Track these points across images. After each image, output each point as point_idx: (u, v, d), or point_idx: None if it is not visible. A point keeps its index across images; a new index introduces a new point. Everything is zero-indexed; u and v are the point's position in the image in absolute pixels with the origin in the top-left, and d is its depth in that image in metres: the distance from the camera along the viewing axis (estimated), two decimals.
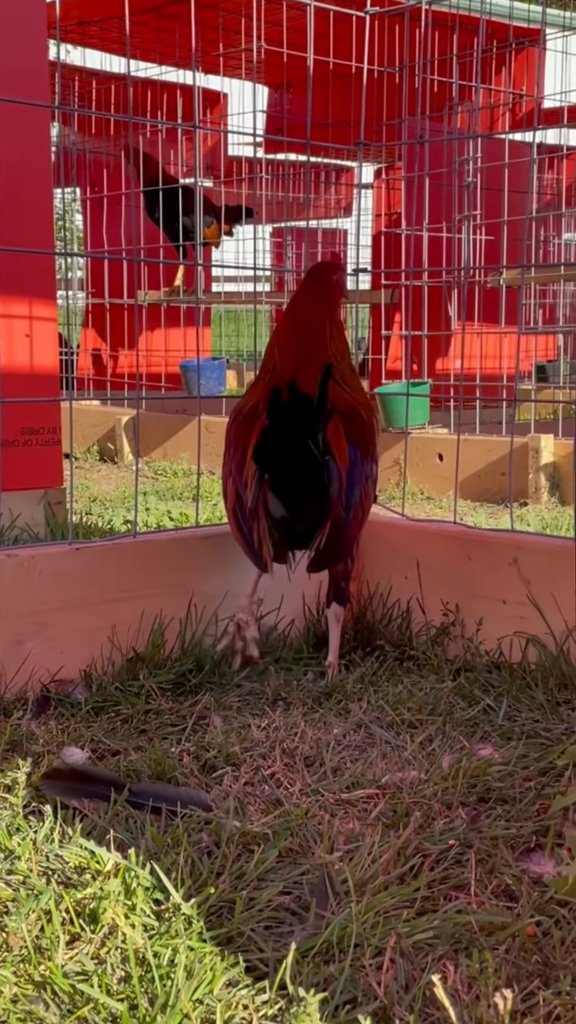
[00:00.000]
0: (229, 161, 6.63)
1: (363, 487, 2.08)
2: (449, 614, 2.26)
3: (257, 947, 1.21)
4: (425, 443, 4.44)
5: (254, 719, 1.89)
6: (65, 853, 1.37)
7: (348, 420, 2.06)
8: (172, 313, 6.01)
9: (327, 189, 7.80)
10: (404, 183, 5.06)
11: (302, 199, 7.05)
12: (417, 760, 1.72)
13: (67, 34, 5.62)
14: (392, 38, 4.96)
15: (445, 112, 5.59)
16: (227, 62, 5.86)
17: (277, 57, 5.05)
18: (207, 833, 1.45)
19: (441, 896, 1.33)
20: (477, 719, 1.91)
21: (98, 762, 1.72)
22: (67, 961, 1.17)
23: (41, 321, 2.94)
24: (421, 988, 1.13)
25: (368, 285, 5.47)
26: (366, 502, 2.11)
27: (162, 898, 1.28)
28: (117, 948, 1.19)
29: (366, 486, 2.10)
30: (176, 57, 5.70)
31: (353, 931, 1.21)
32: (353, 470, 2.04)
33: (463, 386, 4.05)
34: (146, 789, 1.57)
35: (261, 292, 5.98)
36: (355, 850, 1.42)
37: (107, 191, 6.17)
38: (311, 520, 2.01)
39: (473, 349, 4.91)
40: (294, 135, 5.57)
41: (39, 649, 1.99)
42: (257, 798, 1.60)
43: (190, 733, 1.84)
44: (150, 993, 1.11)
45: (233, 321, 9.31)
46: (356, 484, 2.05)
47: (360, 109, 2.75)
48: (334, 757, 1.74)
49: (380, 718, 1.92)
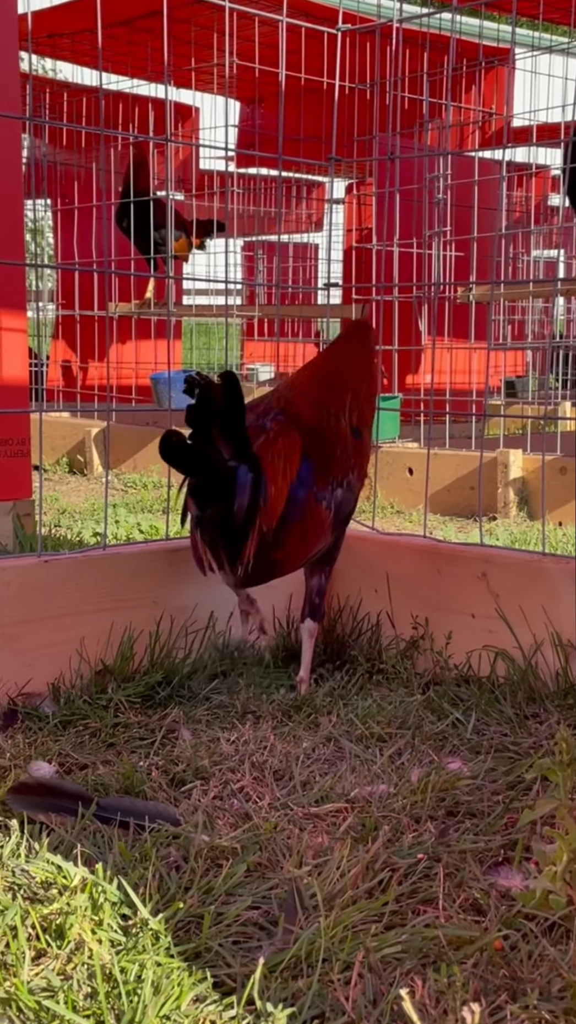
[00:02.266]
0: (201, 175, 6.64)
1: (307, 505, 1.99)
2: (419, 628, 2.26)
3: (225, 962, 1.20)
4: (395, 457, 4.45)
5: (223, 732, 1.89)
6: (32, 868, 1.36)
7: (310, 436, 2.04)
8: (143, 325, 6.00)
9: (298, 204, 7.84)
10: (375, 198, 5.10)
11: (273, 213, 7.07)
12: (386, 774, 1.72)
13: (39, 46, 5.62)
14: (363, 55, 5.00)
15: (416, 129, 5.64)
16: (199, 76, 5.88)
17: (249, 72, 5.07)
18: (175, 848, 1.44)
19: (409, 910, 1.33)
20: (446, 733, 1.91)
21: (66, 776, 1.71)
22: (33, 977, 1.16)
23: (10, 332, 2.93)
24: (389, 1002, 1.13)
25: (339, 299, 5.49)
26: (311, 524, 2.01)
27: (130, 913, 1.27)
28: (84, 964, 1.18)
29: (314, 506, 2.01)
30: (148, 71, 5.72)
31: (322, 946, 1.21)
32: (297, 486, 1.97)
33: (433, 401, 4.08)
34: (114, 803, 1.56)
35: (232, 305, 5.99)
36: (324, 864, 1.41)
37: (78, 203, 6.16)
38: (215, 523, 1.89)
39: (443, 364, 4.94)
40: (266, 150, 5.59)
41: (7, 662, 1.98)
42: (226, 812, 1.59)
43: (159, 747, 1.83)
44: (117, 1009, 1.10)
45: (204, 334, 9.31)
46: (296, 500, 1.97)
47: (332, 125, 2.77)
48: (303, 771, 1.74)
49: (349, 732, 1.92)
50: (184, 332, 7.57)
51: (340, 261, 6.68)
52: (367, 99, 5.11)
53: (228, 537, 1.90)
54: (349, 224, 6.56)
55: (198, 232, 6.01)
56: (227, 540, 1.91)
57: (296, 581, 2.25)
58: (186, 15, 5.04)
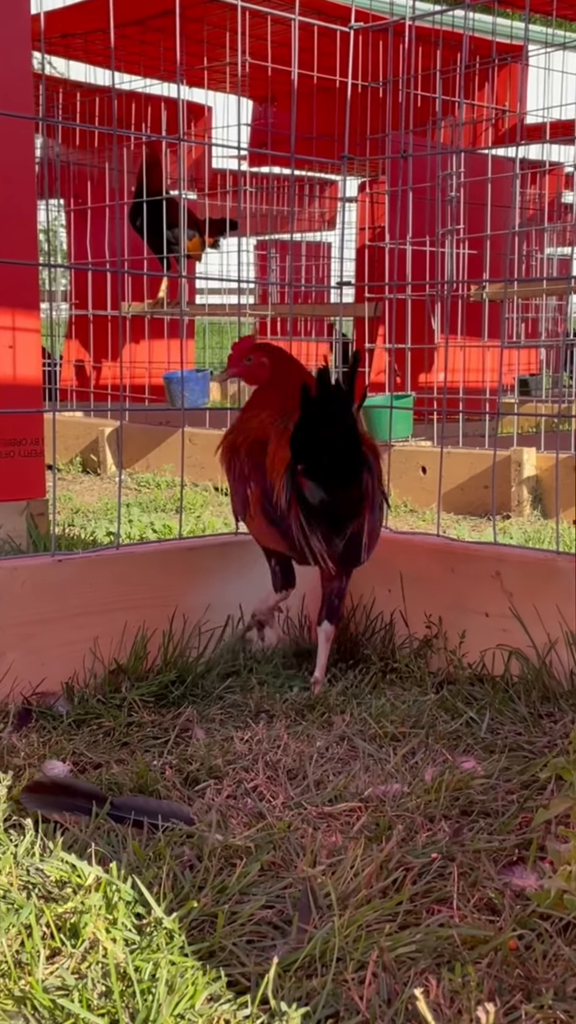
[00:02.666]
0: (213, 174, 6.64)
1: (378, 498, 2.10)
2: (432, 627, 2.26)
3: (239, 961, 1.20)
4: (408, 456, 4.45)
5: (237, 732, 1.89)
6: (46, 867, 1.36)
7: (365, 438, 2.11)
8: (156, 325, 6.01)
9: (311, 202, 7.83)
10: (388, 197, 5.09)
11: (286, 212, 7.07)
12: (400, 773, 1.72)
13: (51, 46, 5.63)
14: (376, 53, 4.99)
15: (428, 127, 5.63)
16: (212, 75, 5.88)
17: (262, 71, 5.07)
18: (189, 847, 1.44)
19: (424, 910, 1.33)
20: (460, 732, 1.91)
21: (80, 775, 1.71)
22: (47, 976, 1.16)
23: (24, 332, 2.93)
24: (403, 1002, 1.12)
25: (352, 298, 5.48)
26: (380, 513, 2.13)
27: (144, 912, 1.27)
28: (98, 963, 1.18)
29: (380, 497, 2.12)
30: (161, 70, 5.72)
31: (336, 945, 1.21)
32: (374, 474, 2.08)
33: (446, 399, 4.07)
34: (128, 802, 1.56)
35: (245, 304, 5.99)
36: (338, 864, 1.41)
37: (91, 203, 6.17)
38: (353, 503, 2.00)
39: (456, 362, 4.93)
40: (278, 148, 5.59)
41: (21, 661, 1.98)
42: (240, 811, 1.59)
43: (172, 746, 1.84)
44: (131, 1008, 1.10)
45: (217, 333, 9.32)
46: (376, 490, 2.08)
47: (344, 123, 2.76)
48: (317, 770, 1.74)
49: (363, 731, 1.92)
50: (197, 331, 7.57)
51: (353, 260, 6.67)
52: (380, 97, 5.10)
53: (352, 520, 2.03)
54: (362, 222, 6.55)
55: (211, 231, 6.01)
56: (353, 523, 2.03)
57: (309, 581, 2.25)
58: (199, 14, 5.04)
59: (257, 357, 2.21)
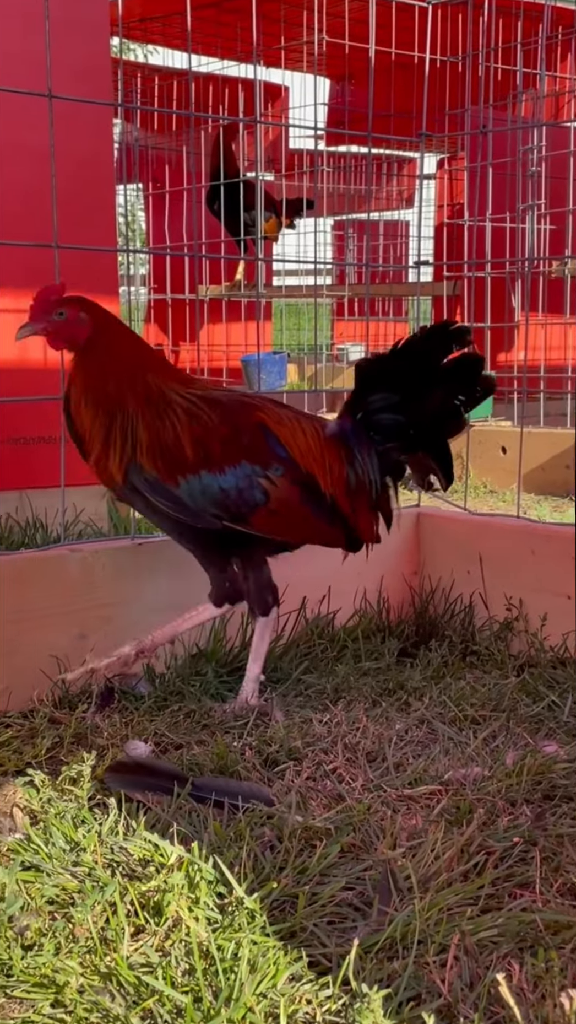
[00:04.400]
0: (290, 154, 6.62)
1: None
2: (512, 609, 2.23)
3: (320, 942, 1.21)
4: (488, 436, 4.40)
5: (316, 714, 1.89)
6: (129, 846, 1.38)
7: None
8: (233, 307, 6.02)
9: (389, 181, 7.76)
10: (467, 173, 5.02)
11: (363, 191, 7.02)
12: (480, 757, 1.71)
13: (130, 31, 5.65)
14: (455, 27, 4.91)
15: (509, 100, 5.52)
16: (288, 55, 5.84)
17: (339, 49, 5.03)
18: (269, 827, 1.45)
19: (505, 894, 1.32)
20: (541, 715, 1.89)
21: (161, 756, 1.73)
22: (132, 953, 1.18)
23: None
24: (486, 986, 1.12)
25: (430, 277, 5.42)
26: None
27: (225, 892, 1.28)
28: (181, 941, 1.20)
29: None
30: (238, 51, 5.71)
31: (416, 928, 1.21)
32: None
33: (527, 378, 4.01)
34: (209, 783, 1.58)
35: (322, 285, 5.97)
36: (418, 846, 1.41)
37: (169, 187, 6.20)
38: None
39: (537, 340, 4.85)
40: (356, 127, 5.55)
41: (103, 643, 2.01)
42: (319, 793, 1.59)
43: (252, 728, 1.85)
44: (214, 986, 1.11)
45: (294, 315, 9.30)
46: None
47: (422, 99, 2.73)
48: (396, 753, 1.74)
49: (443, 714, 1.91)
50: (274, 313, 7.56)
51: (431, 238, 6.60)
52: (459, 72, 5.02)
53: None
54: (440, 200, 6.47)
55: (288, 212, 5.99)
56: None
57: (385, 562, 2.23)
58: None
59: (72, 312, 1.86)
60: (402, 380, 1.94)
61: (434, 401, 1.94)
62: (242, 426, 1.90)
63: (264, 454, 1.89)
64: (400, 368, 1.94)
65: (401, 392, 1.95)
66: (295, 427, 1.95)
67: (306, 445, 1.94)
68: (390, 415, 1.96)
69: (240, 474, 1.86)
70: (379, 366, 1.96)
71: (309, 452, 1.93)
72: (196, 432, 1.86)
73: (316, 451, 1.94)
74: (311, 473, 1.92)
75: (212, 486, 1.85)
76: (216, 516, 1.87)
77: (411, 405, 1.95)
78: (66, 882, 1.32)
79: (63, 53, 2.52)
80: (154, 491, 1.85)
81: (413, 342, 1.93)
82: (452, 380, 1.94)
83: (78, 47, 2.80)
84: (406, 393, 1.94)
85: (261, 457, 1.89)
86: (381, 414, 1.96)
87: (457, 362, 1.94)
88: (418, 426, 1.97)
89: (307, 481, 1.92)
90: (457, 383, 1.94)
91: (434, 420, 1.96)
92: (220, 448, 1.87)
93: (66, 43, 2.77)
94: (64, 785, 1.57)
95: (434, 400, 1.94)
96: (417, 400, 1.94)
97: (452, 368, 1.94)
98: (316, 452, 1.94)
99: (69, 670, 1.97)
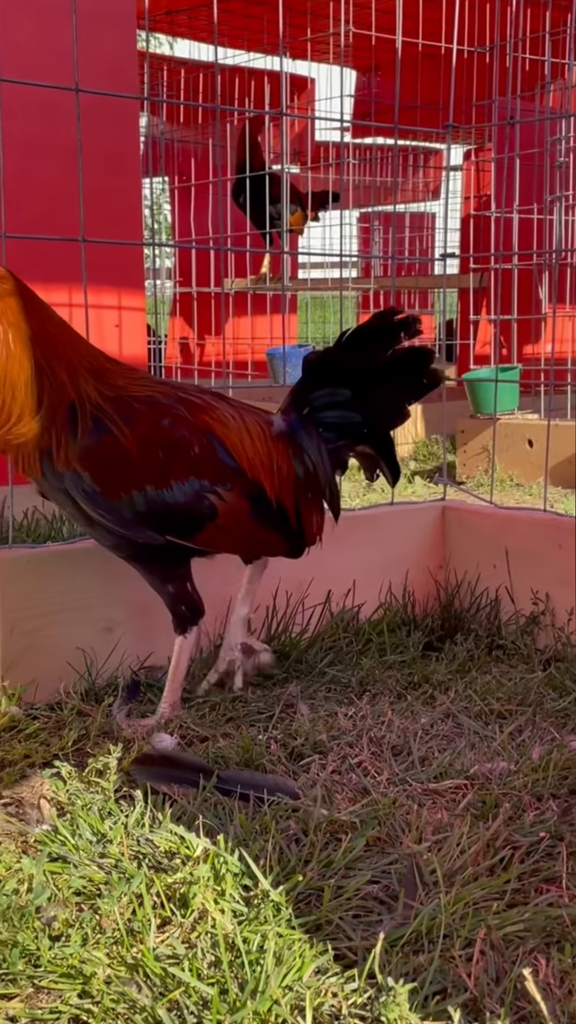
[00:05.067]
0: (316, 146, 6.60)
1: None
2: (539, 603, 2.23)
3: (345, 935, 1.21)
4: (514, 429, 4.37)
5: (341, 707, 1.89)
6: (155, 838, 1.39)
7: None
8: (258, 301, 6.02)
9: (415, 172, 7.73)
10: (494, 164, 4.99)
11: (389, 183, 6.99)
12: (506, 751, 1.71)
13: (156, 24, 5.65)
14: (482, 17, 4.88)
15: (537, 91, 5.48)
16: (315, 47, 5.83)
17: (365, 40, 5.00)
18: (295, 821, 1.46)
19: (532, 889, 1.32)
20: (568, 710, 1.88)
21: (187, 748, 1.74)
22: (158, 944, 1.19)
23: (129, 311, 2.97)
24: (512, 981, 1.12)
25: (456, 269, 5.40)
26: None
27: (251, 884, 1.29)
28: (207, 933, 1.20)
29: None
30: (264, 43, 5.70)
31: (442, 922, 1.21)
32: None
33: (554, 370, 3.99)
34: (234, 776, 1.58)
35: (348, 278, 5.96)
36: (443, 841, 1.41)
37: (195, 180, 6.20)
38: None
39: (564, 333, 4.82)
40: (382, 119, 5.52)
41: (129, 636, 2.02)
42: (344, 787, 1.60)
43: (277, 721, 1.85)
44: (240, 978, 1.12)
45: (320, 308, 9.29)
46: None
47: (449, 90, 2.71)
48: (422, 747, 1.73)
49: (468, 708, 1.90)
50: (300, 306, 7.56)
51: (458, 230, 6.57)
52: (486, 62, 4.99)
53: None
54: (467, 192, 6.44)
55: (313, 204, 5.98)
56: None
57: (413, 555, 2.23)
58: None
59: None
60: (352, 374, 1.87)
61: (386, 395, 1.88)
62: (190, 435, 1.79)
63: (213, 467, 1.79)
64: (350, 361, 1.86)
65: (352, 386, 1.88)
66: (242, 430, 1.84)
67: (254, 450, 1.84)
68: (343, 411, 1.89)
69: (188, 490, 1.76)
70: (329, 359, 1.88)
71: (257, 458, 1.84)
72: (142, 441, 1.74)
73: (264, 455, 1.84)
74: (259, 483, 1.83)
75: (158, 502, 1.75)
76: (159, 531, 1.77)
77: (363, 400, 1.88)
78: (93, 873, 1.32)
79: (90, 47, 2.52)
80: (92, 502, 1.73)
81: (360, 333, 1.86)
82: (401, 373, 1.88)
83: (105, 41, 2.81)
84: (357, 388, 1.88)
85: (210, 471, 1.79)
86: (333, 410, 1.89)
87: (406, 354, 1.88)
88: (370, 421, 1.90)
89: (255, 492, 1.83)
90: (406, 376, 1.88)
91: (385, 414, 1.90)
92: (168, 461, 1.76)
93: (93, 37, 2.78)
94: (91, 777, 1.58)
95: (386, 394, 1.88)
96: (369, 395, 1.87)
97: (401, 360, 1.88)
98: (264, 456, 1.84)
99: (94, 663, 1.98)
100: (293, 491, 1.88)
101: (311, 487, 1.90)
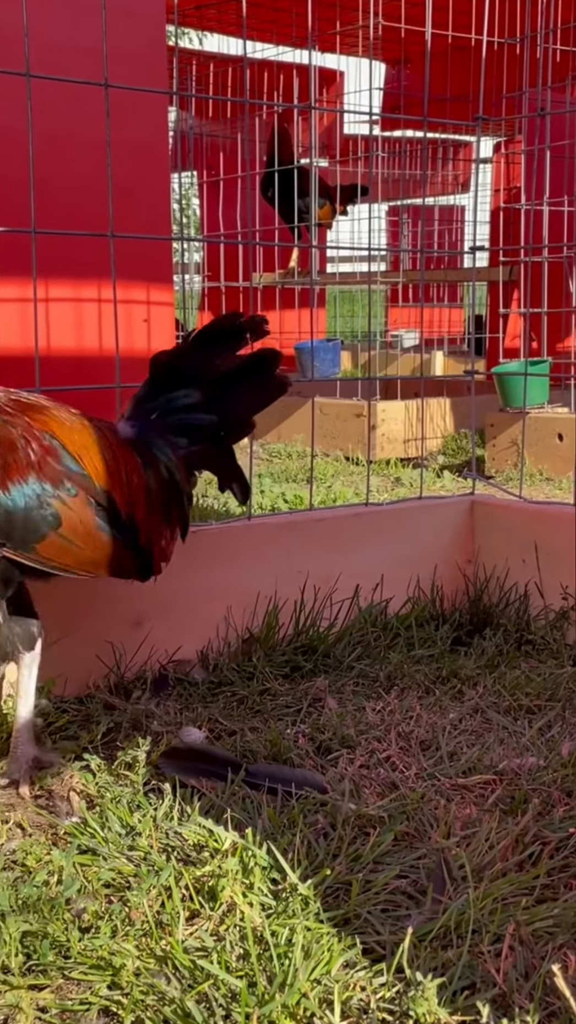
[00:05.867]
0: (345, 140, 6.59)
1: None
2: (569, 598, 2.21)
3: (374, 929, 1.21)
4: (544, 423, 4.35)
5: (369, 702, 1.89)
6: (184, 831, 1.40)
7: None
8: (286, 295, 6.01)
9: (444, 165, 7.69)
10: (524, 157, 4.96)
11: (419, 176, 6.96)
12: (536, 746, 1.70)
13: (185, 18, 5.66)
14: (513, 8, 4.84)
15: (568, 82, 5.44)
16: (344, 40, 5.81)
17: (395, 33, 4.99)
18: (323, 815, 1.46)
19: (561, 884, 1.31)
20: None
21: (215, 742, 1.74)
22: (187, 937, 1.19)
23: (158, 306, 2.97)
24: (541, 976, 1.11)
25: (486, 262, 5.37)
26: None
27: (279, 878, 1.29)
28: (235, 926, 1.21)
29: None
30: (292, 36, 5.69)
31: (471, 917, 1.20)
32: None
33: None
34: (262, 769, 1.58)
35: (376, 272, 5.94)
36: (472, 836, 1.40)
37: (223, 175, 6.20)
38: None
39: None
40: (411, 112, 5.50)
41: (157, 630, 2.03)
42: (372, 781, 1.59)
43: (305, 715, 1.85)
44: (268, 971, 1.12)
45: (348, 302, 9.27)
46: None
47: (479, 83, 2.70)
48: (450, 742, 1.73)
49: (497, 703, 1.90)
50: (328, 300, 7.55)
51: (487, 223, 6.53)
52: (516, 54, 4.96)
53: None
54: (497, 184, 6.40)
55: (342, 198, 5.97)
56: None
57: (440, 552, 2.22)
58: None
59: None
60: (204, 375, 1.73)
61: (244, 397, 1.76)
62: (28, 434, 1.58)
63: (55, 469, 1.58)
64: (200, 362, 1.73)
65: (203, 388, 1.74)
66: (85, 434, 1.65)
67: (100, 456, 1.64)
68: (199, 415, 1.75)
69: (28, 493, 1.55)
70: (178, 360, 1.74)
71: (104, 464, 1.64)
72: None
73: (111, 462, 1.65)
74: (108, 491, 1.63)
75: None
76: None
77: (218, 403, 1.74)
78: (122, 866, 1.33)
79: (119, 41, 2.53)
80: None
81: (206, 333, 1.74)
82: (250, 376, 1.75)
83: (134, 35, 2.81)
84: (209, 390, 1.74)
85: (51, 473, 1.58)
86: (189, 413, 1.75)
87: (254, 357, 1.75)
88: (227, 426, 1.77)
89: (103, 501, 1.62)
90: (255, 379, 1.76)
91: (239, 419, 1.78)
92: (3, 460, 1.54)
93: (122, 32, 2.78)
94: (120, 770, 1.59)
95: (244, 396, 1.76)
96: (224, 397, 1.74)
97: (250, 364, 1.75)
98: (111, 463, 1.65)
99: (123, 657, 1.99)
100: (145, 503, 1.69)
101: (162, 499, 1.72)
